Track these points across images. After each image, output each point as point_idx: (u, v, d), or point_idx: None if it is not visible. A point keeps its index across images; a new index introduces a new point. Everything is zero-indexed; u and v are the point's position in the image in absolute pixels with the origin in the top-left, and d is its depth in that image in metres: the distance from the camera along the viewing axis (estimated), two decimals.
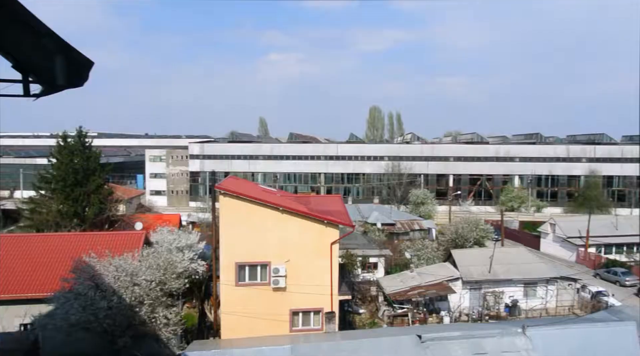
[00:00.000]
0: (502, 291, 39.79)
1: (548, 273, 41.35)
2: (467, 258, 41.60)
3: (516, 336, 23.23)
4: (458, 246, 51.29)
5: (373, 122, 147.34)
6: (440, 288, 37.85)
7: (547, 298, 40.72)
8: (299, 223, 26.65)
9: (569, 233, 59.58)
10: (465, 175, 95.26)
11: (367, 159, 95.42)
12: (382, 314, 37.80)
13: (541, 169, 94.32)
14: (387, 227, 60.06)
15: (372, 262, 45.23)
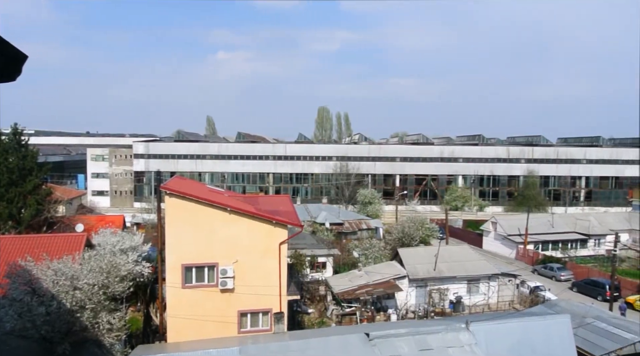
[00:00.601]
0: (446, 288, 40.88)
1: (490, 269, 42.82)
2: (414, 257, 42.47)
3: (460, 331, 23.91)
4: (404, 244, 52.32)
5: (322, 122, 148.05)
6: (388, 286, 38.46)
7: (489, 293, 42.17)
8: (247, 224, 26.39)
9: (509, 231, 62.00)
10: (412, 175, 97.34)
11: (316, 159, 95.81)
12: (330, 313, 38.00)
13: (483, 170, 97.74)
14: (335, 227, 60.48)
15: (320, 262, 45.42)
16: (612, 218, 68.39)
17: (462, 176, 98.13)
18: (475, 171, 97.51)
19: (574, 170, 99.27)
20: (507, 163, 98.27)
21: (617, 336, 27.75)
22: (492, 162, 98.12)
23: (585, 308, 32.59)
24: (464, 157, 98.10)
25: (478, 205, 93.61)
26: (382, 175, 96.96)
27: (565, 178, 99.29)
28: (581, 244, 62.72)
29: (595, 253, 62.09)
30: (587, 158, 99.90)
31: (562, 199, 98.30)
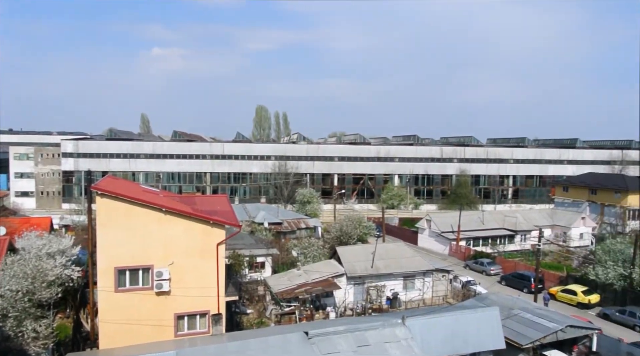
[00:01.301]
0: (383, 284, 41.74)
1: (425, 266, 44.12)
2: (351, 255, 43.03)
3: (397, 327, 24.54)
4: (343, 243, 52.97)
5: (260, 121, 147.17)
6: (326, 285, 38.79)
7: (424, 289, 43.46)
8: (184, 224, 25.82)
9: (443, 228, 64.16)
10: (349, 174, 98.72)
11: (254, 159, 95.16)
12: (269, 313, 37.87)
13: (418, 169, 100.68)
14: (274, 226, 60.29)
15: (259, 262, 45.14)
16: (537, 215, 72.28)
17: (398, 175, 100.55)
18: (410, 171, 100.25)
19: (502, 169, 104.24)
20: (441, 163, 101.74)
21: (540, 325, 29.39)
22: (426, 161, 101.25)
23: (512, 300, 34.30)
24: (400, 157, 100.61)
25: (413, 203, 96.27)
26: (320, 174, 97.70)
27: (494, 177, 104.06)
28: (509, 240, 65.90)
29: (522, 247, 65.39)
30: (514, 158, 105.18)
31: (491, 197, 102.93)
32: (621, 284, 42.18)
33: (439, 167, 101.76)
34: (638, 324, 37.78)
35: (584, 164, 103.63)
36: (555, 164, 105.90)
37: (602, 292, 43.77)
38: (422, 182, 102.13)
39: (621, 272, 42.40)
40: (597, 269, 44.48)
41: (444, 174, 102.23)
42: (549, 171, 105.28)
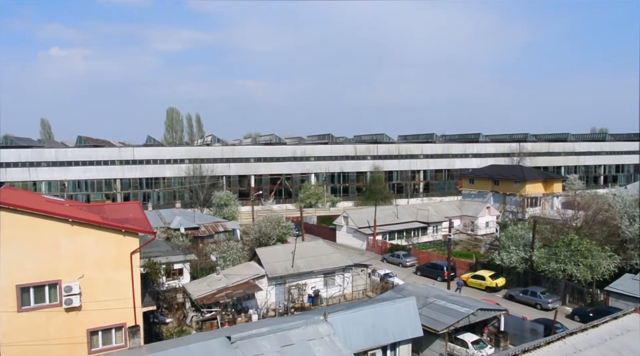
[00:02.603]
0: (304, 283, 42.05)
1: (344, 262, 44.95)
2: (271, 255, 42.95)
3: (319, 323, 24.83)
4: (262, 244, 52.73)
5: (171, 124, 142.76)
6: (247, 287, 38.44)
7: (344, 284, 44.31)
8: (94, 235, 24.50)
9: (360, 223, 65.75)
10: (266, 175, 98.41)
11: (167, 163, 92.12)
12: (190, 320, 36.91)
13: (334, 167, 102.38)
14: (191, 231, 58.80)
15: (177, 268, 43.83)
16: (447, 206, 76.13)
17: (314, 174, 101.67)
18: (326, 169, 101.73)
19: (413, 164, 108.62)
20: (355, 160, 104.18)
21: (454, 311, 31.01)
22: (341, 160, 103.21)
23: (427, 289, 35.91)
24: (316, 156, 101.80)
25: (330, 201, 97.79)
26: (237, 176, 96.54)
27: (406, 172, 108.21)
28: (422, 232, 68.83)
29: (434, 238, 68.57)
30: (424, 153, 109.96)
31: (404, 192, 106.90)
32: (523, 267, 45.48)
33: (354, 165, 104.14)
34: (539, 302, 40.96)
35: (486, 157, 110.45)
36: (461, 158, 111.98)
37: (507, 275, 46.95)
38: (338, 180, 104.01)
39: (522, 256, 45.71)
40: (502, 255, 47.62)
41: (359, 171, 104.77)
42: (456, 164, 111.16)
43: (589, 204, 53.42)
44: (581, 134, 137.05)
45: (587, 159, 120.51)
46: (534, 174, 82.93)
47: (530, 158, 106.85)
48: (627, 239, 46.30)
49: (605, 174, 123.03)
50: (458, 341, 30.63)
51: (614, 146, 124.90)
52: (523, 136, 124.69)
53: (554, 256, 42.76)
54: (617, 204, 51.51)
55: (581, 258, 41.32)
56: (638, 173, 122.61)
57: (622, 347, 20.00)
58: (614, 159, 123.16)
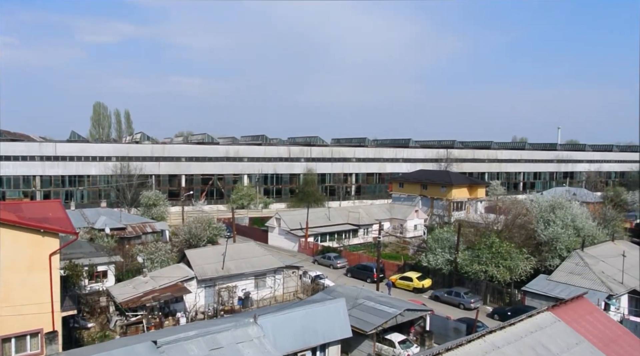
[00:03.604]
0: (235, 285, 41.57)
1: (275, 263, 44.88)
2: (201, 257, 42.16)
3: (249, 326, 24.63)
4: (192, 245, 51.59)
5: (98, 119, 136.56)
6: (176, 290, 37.48)
7: (275, 286, 44.20)
8: (9, 235, 23.00)
9: (292, 225, 65.82)
10: (198, 175, 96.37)
11: (93, 160, 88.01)
12: (114, 325, 35.46)
13: (267, 168, 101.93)
14: (117, 232, 56.54)
15: (100, 271, 42.01)
16: (377, 209, 77.80)
17: (247, 175, 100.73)
18: (259, 170, 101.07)
19: (345, 168, 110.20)
20: (289, 162, 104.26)
21: (382, 312, 31.75)
22: (275, 161, 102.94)
23: (357, 290, 36.52)
24: (249, 157, 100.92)
25: (263, 203, 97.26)
26: (167, 175, 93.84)
27: (339, 175, 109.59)
28: (353, 234, 69.93)
29: (365, 240, 69.86)
30: (356, 157, 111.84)
31: (336, 194, 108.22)
32: (448, 268, 47.33)
33: (287, 167, 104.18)
34: (462, 302, 42.75)
35: (416, 162, 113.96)
36: (392, 162, 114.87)
37: (433, 277, 48.66)
38: (271, 181, 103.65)
39: (448, 258, 47.56)
40: (428, 257, 49.33)
41: (292, 173, 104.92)
42: (387, 168, 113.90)
43: (509, 209, 56.36)
44: (503, 143, 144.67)
45: (508, 166, 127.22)
46: (460, 180, 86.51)
47: (457, 164, 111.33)
48: (542, 242, 49.33)
49: (524, 180, 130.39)
50: (386, 341, 31.39)
51: (532, 154, 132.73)
52: (450, 142, 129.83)
53: (476, 258, 44.82)
54: (534, 209, 54.80)
55: (501, 260, 43.58)
56: (553, 180, 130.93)
57: (536, 344, 21.25)
58: (532, 167, 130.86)
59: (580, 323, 24.02)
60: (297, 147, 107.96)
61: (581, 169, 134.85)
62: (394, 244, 68.39)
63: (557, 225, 49.38)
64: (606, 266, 41.02)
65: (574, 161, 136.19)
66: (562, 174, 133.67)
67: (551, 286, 39.63)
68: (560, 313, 24.00)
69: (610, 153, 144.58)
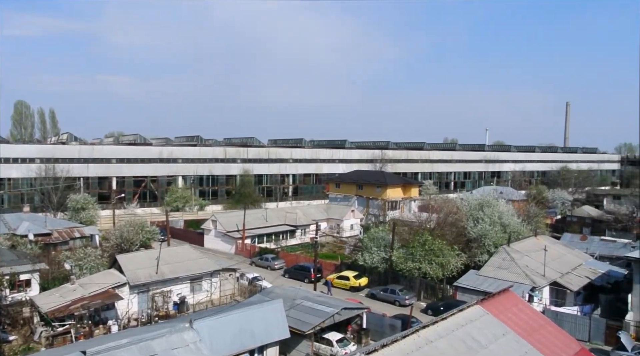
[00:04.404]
0: (169, 289, 40.56)
1: (211, 266, 44.18)
2: (134, 262, 40.84)
3: (184, 331, 24.12)
4: (124, 250, 49.82)
5: (20, 119, 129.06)
6: (106, 297, 36.08)
7: (212, 290, 43.50)
8: None
9: (229, 227, 65.02)
10: (130, 177, 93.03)
11: (14, 162, 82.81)
12: (38, 336, 33.61)
13: (203, 170, 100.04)
14: (41, 238, 53.63)
15: (23, 279, 39.68)
16: (314, 210, 78.32)
17: (182, 177, 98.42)
18: (194, 171, 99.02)
19: (282, 168, 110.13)
20: (225, 163, 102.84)
21: (320, 311, 32.03)
22: (210, 162, 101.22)
23: (295, 291, 36.63)
24: (184, 158, 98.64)
25: (199, 204, 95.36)
26: (96, 178, 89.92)
27: (275, 176, 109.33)
28: (291, 235, 70.00)
29: (302, 241, 70.08)
30: (293, 158, 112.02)
31: (274, 195, 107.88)
32: (384, 266, 48.42)
33: (223, 168, 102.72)
34: (397, 299, 43.85)
35: (352, 163, 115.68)
36: (328, 163, 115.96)
37: (369, 275, 49.60)
38: (207, 183, 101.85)
39: (383, 256, 48.65)
40: (364, 255, 50.24)
41: (229, 175, 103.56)
42: (324, 169, 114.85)
43: (441, 208, 58.37)
44: (435, 144, 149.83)
45: (440, 167, 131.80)
46: (394, 180, 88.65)
47: (391, 165, 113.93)
48: (472, 239, 51.50)
49: (455, 180, 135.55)
50: (323, 341, 31.67)
51: (462, 155, 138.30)
52: (385, 143, 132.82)
53: (410, 256, 46.14)
54: (464, 208, 57.11)
55: (434, 257, 45.12)
56: (481, 180, 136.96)
57: (466, 336, 22.19)
58: (462, 166, 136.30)
59: (506, 314, 25.31)
60: (233, 148, 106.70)
61: (507, 168, 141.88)
62: (331, 244, 69.10)
63: (486, 222, 51.74)
64: (530, 260, 43.40)
65: (501, 161, 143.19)
66: (490, 174, 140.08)
67: (480, 280, 41.44)
68: (489, 306, 25.18)
69: (533, 154, 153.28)
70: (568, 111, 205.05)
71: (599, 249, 54.22)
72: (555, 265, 43.96)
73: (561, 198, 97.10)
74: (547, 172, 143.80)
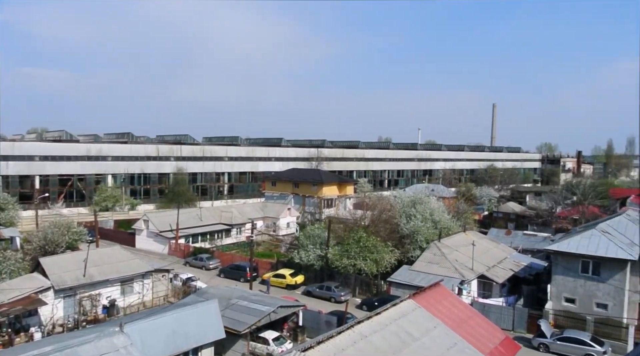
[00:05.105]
0: (98, 293, 38.97)
1: (143, 267, 42.85)
2: (59, 265, 38.88)
3: (114, 335, 23.23)
4: (48, 253, 47.34)
5: None
6: (28, 303, 34.12)
7: (143, 292, 42.18)
8: None
9: (161, 227, 63.28)
10: (55, 175, 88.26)
11: None
12: None
13: (134, 168, 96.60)
14: None
15: None
16: (250, 208, 77.67)
17: (112, 175, 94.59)
18: (125, 170, 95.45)
19: (218, 167, 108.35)
20: (158, 161, 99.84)
21: (256, 310, 31.86)
22: (142, 160, 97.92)
23: (230, 290, 36.22)
24: (114, 156, 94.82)
25: (130, 204, 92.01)
26: (17, 176, 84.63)
27: (210, 174, 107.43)
28: (226, 234, 69.07)
29: (238, 240, 69.34)
30: (228, 156, 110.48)
31: (208, 194, 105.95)
32: (320, 264, 48.81)
33: (156, 166, 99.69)
34: (333, 296, 44.37)
35: (288, 161, 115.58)
36: (265, 161, 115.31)
37: (305, 273, 49.85)
38: (139, 181, 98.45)
39: (319, 253, 49.04)
40: (300, 253, 50.43)
41: (162, 173, 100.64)
42: (260, 167, 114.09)
43: (375, 205, 59.54)
44: (370, 142, 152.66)
45: (374, 165, 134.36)
46: (330, 178, 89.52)
47: (327, 163, 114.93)
48: (405, 235, 52.92)
49: (389, 178, 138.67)
50: (260, 340, 31.54)
51: (396, 153, 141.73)
52: (321, 142, 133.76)
53: (345, 253, 46.79)
54: (398, 205, 58.59)
55: (368, 254, 45.98)
56: (414, 178, 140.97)
57: (400, 330, 22.81)
58: (396, 165, 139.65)
59: (437, 307, 26.24)
60: (166, 146, 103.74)
61: (438, 167, 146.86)
62: (267, 242, 68.83)
63: (418, 219, 53.32)
64: (459, 255, 45.19)
65: (432, 159, 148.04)
66: (422, 172, 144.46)
67: (413, 275, 42.69)
68: (420, 300, 26.01)
69: (462, 153, 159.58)
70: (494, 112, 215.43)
71: (522, 243, 57.36)
72: (482, 259, 46.00)
73: (488, 195, 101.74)
74: (475, 171, 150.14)
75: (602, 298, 36.63)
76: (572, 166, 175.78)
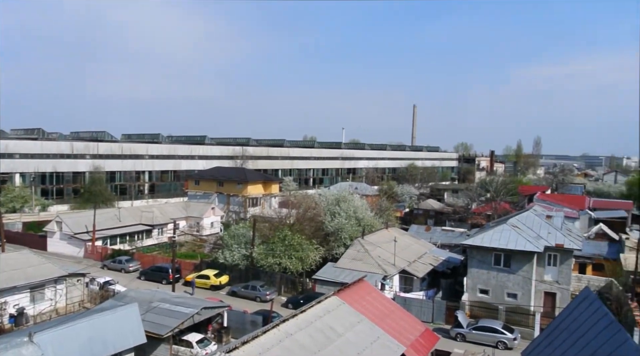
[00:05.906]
0: (4, 301, 36.30)
1: (56, 272, 40.39)
2: None
3: (22, 346, 21.78)
4: None
5: None
6: None
7: (56, 298, 39.80)
8: None
9: (76, 229, 59.99)
10: None
11: None
12: None
13: (45, 166, 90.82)
14: None
15: None
16: (172, 208, 75.44)
17: (19, 174, 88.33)
18: (35, 168, 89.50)
19: (138, 165, 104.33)
20: (72, 159, 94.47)
21: (178, 313, 31.01)
22: (55, 158, 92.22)
23: (151, 293, 34.97)
24: (21, 153, 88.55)
25: (40, 205, 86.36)
26: None
27: (130, 173, 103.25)
28: (147, 235, 66.66)
29: (159, 241, 67.17)
30: (149, 154, 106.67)
31: (128, 193, 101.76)
32: (245, 263, 48.36)
33: (70, 164, 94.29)
34: (258, 295, 44.12)
35: (212, 159, 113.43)
36: (187, 160, 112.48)
37: (230, 273, 49.21)
38: (51, 180, 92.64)
39: (244, 253, 48.57)
40: (225, 253, 49.72)
41: (76, 171, 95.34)
42: (182, 166, 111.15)
43: (300, 203, 59.83)
44: (295, 141, 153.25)
45: (300, 163, 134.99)
46: (255, 176, 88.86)
47: (252, 161, 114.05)
48: (329, 233, 53.62)
49: (314, 176, 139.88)
50: (183, 343, 30.75)
51: (320, 152, 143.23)
52: (246, 140, 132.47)
53: (271, 252, 46.68)
54: (322, 203, 59.22)
55: (294, 252, 46.14)
56: (339, 176, 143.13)
57: (325, 326, 23.08)
58: (321, 163, 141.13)
59: (361, 303, 26.82)
60: (81, 143, 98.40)
61: (362, 165, 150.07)
62: (191, 243, 67.18)
63: (342, 217, 54.20)
64: (382, 251, 46.42)
65: (356, 158, 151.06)
66: (346, 170, 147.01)
67: (337, 272, 43.35)
68: (345, 296, 26.47)
69: (384, 152, 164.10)
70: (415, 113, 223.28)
71: (441, 239, 59.91)
72: (404, 254, 47.54)
73: (409, 192, 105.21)
74: (396, 169, 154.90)
75: (512, 288, 39.07)
76: (486, 164, 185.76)
